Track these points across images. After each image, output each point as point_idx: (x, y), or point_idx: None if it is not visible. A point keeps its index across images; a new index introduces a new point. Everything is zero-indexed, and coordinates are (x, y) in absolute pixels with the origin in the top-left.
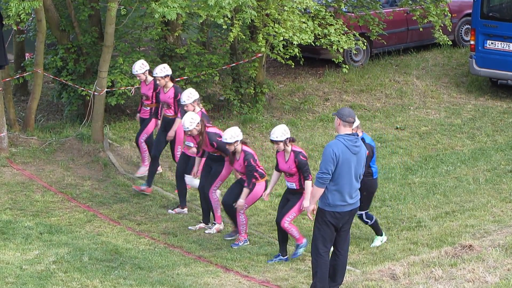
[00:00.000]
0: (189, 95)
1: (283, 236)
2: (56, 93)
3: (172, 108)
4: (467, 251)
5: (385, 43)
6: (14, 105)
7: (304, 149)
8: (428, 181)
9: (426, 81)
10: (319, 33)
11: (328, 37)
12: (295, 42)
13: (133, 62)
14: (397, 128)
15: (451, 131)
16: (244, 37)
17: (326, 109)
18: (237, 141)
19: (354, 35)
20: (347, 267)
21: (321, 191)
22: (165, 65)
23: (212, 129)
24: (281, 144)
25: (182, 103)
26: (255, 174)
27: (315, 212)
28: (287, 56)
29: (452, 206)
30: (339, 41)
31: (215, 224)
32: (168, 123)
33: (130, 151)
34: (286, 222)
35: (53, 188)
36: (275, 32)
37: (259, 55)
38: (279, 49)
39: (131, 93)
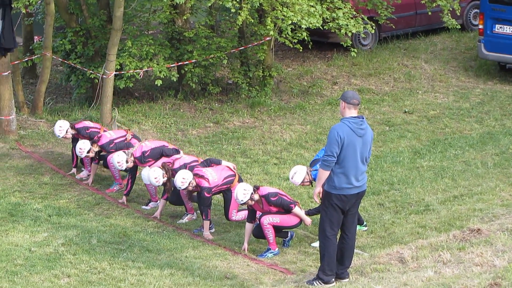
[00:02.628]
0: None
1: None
2: (65, 76)
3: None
4: (475, 235)
5: (393, 27)
6: (23, 88)
7: (312, 133)
8: (437, 165)
9: (435, 65)
10: (328, 16)
11: (337, 21)
12: (303, 26)
13: (142, 46)
14: (405, 112)
15: (459, 115)
16: (252, 20)
17: (335, 93)
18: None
19: (362, 18)
20: (355, 250)
21: (326, 174)
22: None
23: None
24: (249, 201)
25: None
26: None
27: (321, 195)
28: (296, 40)
29: (460, 190)
30: (347, 25)
31: (187, 214)
32: None
33: (139, 134)
34: (266, 220)
35: (61, 171)
36: (284, 15)
37: (268, 38)
38: (287, 32)
39: (140, 76)
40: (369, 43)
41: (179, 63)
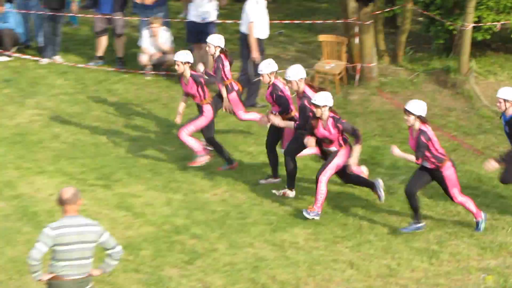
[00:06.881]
0: (267, 66)
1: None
2: (424, 26)
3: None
4: None
5: None
6: (384, 37)
7: None
8: None
9: None
10: None
11: None
12: None
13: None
14: None
15: None
16: None
17: None
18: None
19: None
20: None
21: None
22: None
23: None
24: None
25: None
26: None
27: None
28: None
29: None
30: None
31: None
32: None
33: (495, 85)
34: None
35: None
36: None
37: None
38: None
39: (497, 28)
40: None
41: None
